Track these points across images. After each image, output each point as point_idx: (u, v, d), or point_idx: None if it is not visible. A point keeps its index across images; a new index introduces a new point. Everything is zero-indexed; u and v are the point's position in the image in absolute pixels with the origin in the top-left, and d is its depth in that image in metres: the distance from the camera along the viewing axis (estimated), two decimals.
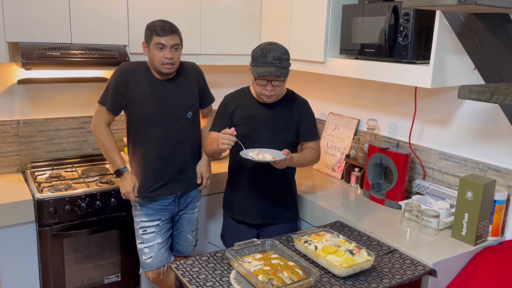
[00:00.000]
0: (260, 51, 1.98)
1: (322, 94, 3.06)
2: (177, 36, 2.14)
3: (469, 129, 2.20)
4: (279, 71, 1.95)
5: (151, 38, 2.10)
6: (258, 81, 2.01)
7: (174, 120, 2.21)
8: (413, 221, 2.07)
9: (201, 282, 1.61)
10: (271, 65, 1.95)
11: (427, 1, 1.60)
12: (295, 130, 2.17)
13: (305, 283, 1.55)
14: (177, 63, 2.17)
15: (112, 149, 2.19)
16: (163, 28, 2.08)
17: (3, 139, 2.57)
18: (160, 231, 2.27)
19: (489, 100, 1.49)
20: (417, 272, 1.72)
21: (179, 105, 2.23)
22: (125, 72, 2.16)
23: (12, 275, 2.25)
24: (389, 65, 2.12)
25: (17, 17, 2.20)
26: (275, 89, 2.03)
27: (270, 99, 2.08)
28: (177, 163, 2.25)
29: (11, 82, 2.55)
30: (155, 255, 2.26)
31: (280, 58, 1.96)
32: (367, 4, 2.26)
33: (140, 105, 2.16)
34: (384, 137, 2.64)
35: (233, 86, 3.29)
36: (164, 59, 2.09)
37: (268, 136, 2.11)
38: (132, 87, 2.15)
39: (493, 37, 1.76)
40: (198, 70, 2.36)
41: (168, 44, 2.08)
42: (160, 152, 2.20)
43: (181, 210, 2.36)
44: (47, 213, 2.24)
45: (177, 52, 2.14)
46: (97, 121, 2.20)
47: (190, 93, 2.28)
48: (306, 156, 2.16)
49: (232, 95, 2.22)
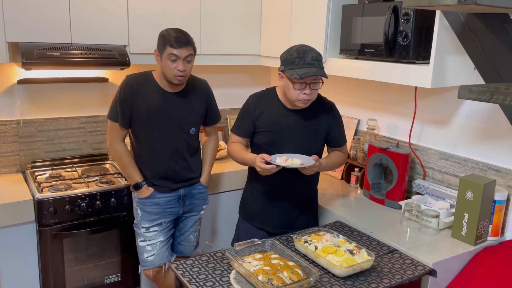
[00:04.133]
0: (296, 52, 1.88)
1: (322, 94, 3.06)
2: (191, 47, 2.09)
3: (469, 129, 2.20)
4: (320, 71, 1.87)
5: (164, 48, 2.05)
6: (296, 85, 1.89)
7: (177, 135, 2.20)
8: (413, 221, 2.07)
9: (201, 282, 1.61)
10: (311, 65, 1.86)
11: (427, 1, 1.60)
12: (324, 138, 2.09)
13: (305, 283, 1.55)
14: (188, 75, 2.13)
15: (130, 165, 2.21)
16: (178, 39, 2.03)
17: (3, 139, 2.57)
18: (163, 230, 2.27)
19: (489, 100, 1.49)
20: (417, 272, 1.72)
21: (184, 121, 2.21)
22: (130, 86, 2.13)
23: (12, 275, 2.24)
24: (389, 65, 2.12)
25: (17, 17, 2.20)
26: (313, 93, 1.92)
27: (306, 104, 1.96)
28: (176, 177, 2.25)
29: (11, 82, 2.55)
30: (157, 253, 2.26)
31: (318, 58, 1.89)
32: (367, 4, 2.26)
33: (145, 117, 2.15)
34: (384, 137, 2.64)
35: (233, 86, 3.30)
36: (176, 71, 2.06)
37: (294, 145, 2.02)
38: (138, 100, 2.13)
39: (493, 37, 1.76)
40: (207, 89, 2.32)
41: (181, 56, 2.04)
42: (160, 165, 2.22)
43: (186, 212, 2.35)
44: (47, 213, 2.24)
45: (189, 64, 2.10)
46: (112, 138, 2.20)
47: (196, 110, 2.25)
48: (334, 160, 2.09)
49: (258, 96, 2.10)
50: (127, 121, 2.17)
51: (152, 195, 2.23)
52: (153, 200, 2.24)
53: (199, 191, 2.36)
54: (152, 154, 2.21)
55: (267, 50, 2.95)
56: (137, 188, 2.22)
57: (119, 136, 2.20)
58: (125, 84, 2.14)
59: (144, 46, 2.56)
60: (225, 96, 3.25)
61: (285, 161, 1.90)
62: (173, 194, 2.27)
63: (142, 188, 2.21)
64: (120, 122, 2.16)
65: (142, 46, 2.56)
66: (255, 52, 3.02)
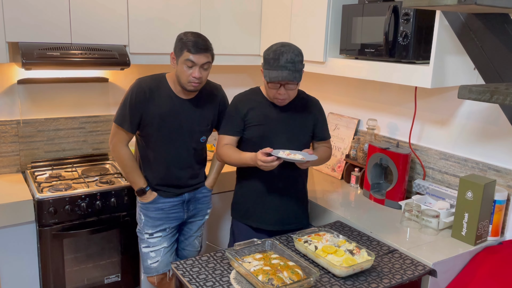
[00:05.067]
0: (272, 53, 1.91)
1: (322, 94, 3.06)
2: (210, 54, 2.01)
3: (469, 129, 2.20)
4: (292, 75, 1.89)
5: (181, 53, 1.97)
6: (271, 84, 1.94)
7: (186, 142, 2.15)
8: (413, 221, 2.07)
9: (201, 282, 1.61)
10: (284, 68, 1.88)
11: (427, 1, 1.60)
12: (311, 130, 2.14)
13: (305, 283, 1.55)
14: (204, 82, 2.06)
15: (135, 170, 2.15)
16: (196, 44, 1.95)
17: (3, 139, 2.57)
18: (167, 235, 2.23)
19: (489, 100, 1.49)
20: (417, 272, 1.72)
21: (195, 129, 2.15)
22: (142, 90, 2.05)
23: (12, 275, 2.24)
24: (389, 65, 2.12)
25: (17, 17, 2.20)
26: (288, 93, 1.97)
27: (283, 103, 2.02)
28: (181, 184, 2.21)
29: (11, 82, 2.55)
30: (161, 259, 2.22)
31: (293, 61, 1.89)
32: (367, 4, 2.26)
33: (156, 123, 2.07)
34: (384, 137, 2.64)
35: (233, 87, 3.29)
36: (191, 78, 1.98)
37: (285, 137, 2.05)
38: (150, 106, 2.05)
39: (493, 37, 1.76)
40: (222, 95, 2.25)
41: (199, 62, 1.96)
42: (166, 171, 2.16)
43: (190, 217, 2.31)
44: (47, 213, 2.24)
45: (206, 72, 2.02)
46: (116, 142, 2.11)
47: (208, 118, 2.18)
48: (322, 155, 2.12)
49: (243, 96, 2.13)
50: (136, 126, 2.09)
51: (155, 200, 2.18)
52: (157, 205, 2.19)
53: (203, 195, 2.32)
54: (158, 159, 2.15)
55: None
56: (141, 194, 2.16)
57: (124, 141, 2.12)
58: (138, 89, 2.05)
59: (144, 46, 2.56)
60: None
61: (287, 155, 1.90)
62: (178, 199, 2.22)
63: (146, 194, 2.16)
64: (127, 127, 2.07)
65: (142, 46, 2.56)
66: (255, 52, 3.02)
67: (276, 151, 1.92)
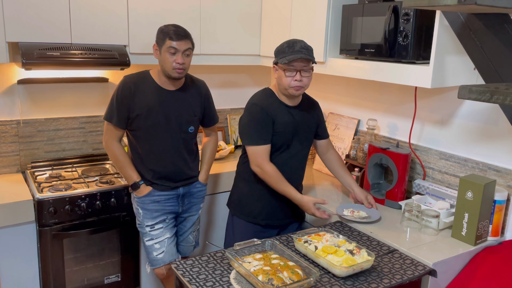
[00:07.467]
0: (286, 43, 2.02)
1: (322, 94, 3.06)
2: (190, 41, 2.13)
3: (469, 129, 2.20)
4: (308, 56, 1.97)
5: (163, 42, 2.09)
6: (287, 72, 1.99)
7: (175, 133, 2.22)
8: (413, 221, 2.07)
9: (201, 282, 1.61)
10: (300, 52, 1.97)
11: (427, 1, 1.60)
12: (315, 130, 2.26)
13: (305, 283, 1.55)
14: (187, 68, 2.16)
15: (127, 165, 2.21)
16: (177, 32, 2.08)
17: (3, 139, 2.57)
18: (167, 226, 2.29)
19: (489, 100, 1.49)
20: (417, 272, 1.72)
21: (183, 119, 2.23)
22: (127, 86, 2.14)
23: (12, 275, 2.24)
24: (389, 65, 2.12)
25: (17, 17, 2.20)
26: (303, 80, 2.01)
27: (299, 91, 2.04)
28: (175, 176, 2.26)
29: (11, 82, 2.55)
30: (167, 249, 2.26)
31: (307, 47, 2.00)
32: (367, 4, 2.26)
33: (144, 116, 2.15)
34: (384, 137, 2.64)
35: (233, 86, 3.30)
36: (175, 64, 2.09)
37: (297, 140, 2.14)
38: (136, 100, 2.14)
39: (493, 37, 1.76)
40: (205, 89, 2.35)
41: (180, 48, 2.08)
42: (159, 164, 2.22)
43: (185, 211, 2.36)
44: (47, 213, 2.24)
45: (188, 58, 2.14)
46: (108, 138, 2.21)
47: (194, 108, 2.27)
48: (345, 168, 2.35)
49: (264, 99, 2.10)
50: (124, 121, 2.17)
51: (151, 192, 2.23)
52: (153, 197, 2.24)
53: (198, 189, 2.37)
54: (150, 153, 2.21)
55: (267, 50, 2.95)
56: (135, 188, 2.22)
57: (115, 137, 2.20)
58: (123, 85, 2.15)
59: (144, 46, 2.56)
60: (225, 96, 3.25)
61: (352, 212, 2.14)
62: (173, 192, 2.28)
63: (140, 188, 2.22)
64: (116, 122, 2.16)
65: (142, 46, 2.56)
66: (255, 52, 3.02)
67: (341, 208, 2.15)
